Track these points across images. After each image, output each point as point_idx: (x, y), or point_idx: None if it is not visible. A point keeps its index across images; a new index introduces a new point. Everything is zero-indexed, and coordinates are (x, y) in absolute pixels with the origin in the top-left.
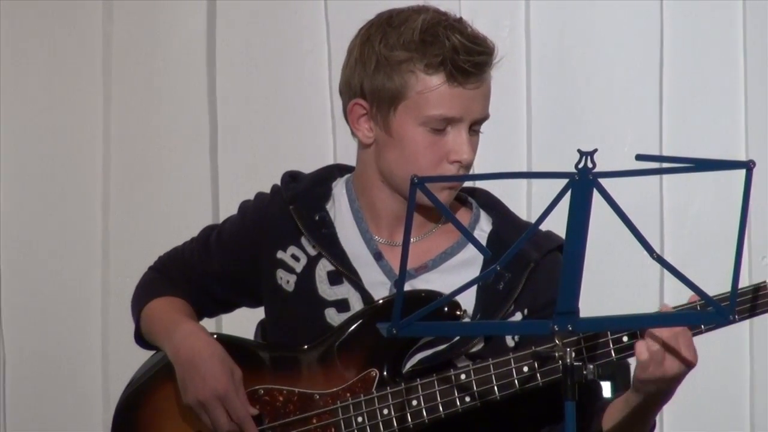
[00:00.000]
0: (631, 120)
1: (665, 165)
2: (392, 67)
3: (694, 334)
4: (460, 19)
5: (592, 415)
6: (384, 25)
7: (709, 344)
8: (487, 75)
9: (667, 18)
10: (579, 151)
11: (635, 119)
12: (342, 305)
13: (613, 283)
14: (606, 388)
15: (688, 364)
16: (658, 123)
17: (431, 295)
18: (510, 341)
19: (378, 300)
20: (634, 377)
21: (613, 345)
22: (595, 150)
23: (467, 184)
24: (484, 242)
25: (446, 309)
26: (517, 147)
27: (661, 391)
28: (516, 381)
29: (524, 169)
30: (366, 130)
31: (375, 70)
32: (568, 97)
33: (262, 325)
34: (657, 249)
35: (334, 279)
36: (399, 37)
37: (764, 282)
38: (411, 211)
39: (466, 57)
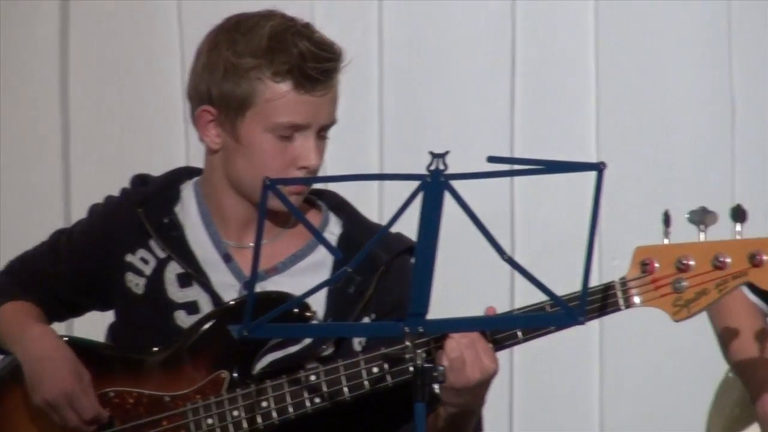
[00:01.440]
0: (483, 122)
1: (516, 167)
2: (240, 75)
3: (543, 334)
4: (308, 24)
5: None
6: (231, 31)
7: (558, 344)
8: (334, 81)
9: (519, 19)
10: (431, 153)
11: (487, 121)
12: (192, 307)
13: (464, 284)
14: None
15: (488, 370)
16: (510, 124)
17: (282, 297)
18: (357, 345)
19: (228, 301)
20: (440, 389)
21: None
22: (447, 152)
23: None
24: (334, 245)
25: (296, 311)
26: (369, 148)
27: (467, 401)
28: (366, 382)
29: (376, 171)
30: (214, 135)
31: (223, 76)
32: (420, 99)
33: (112, 329)
34: (508, 250)
35: (183, 281)
36: (247, 44)
37: (613, 282)
38: (263, 212)
39: (314, 64)
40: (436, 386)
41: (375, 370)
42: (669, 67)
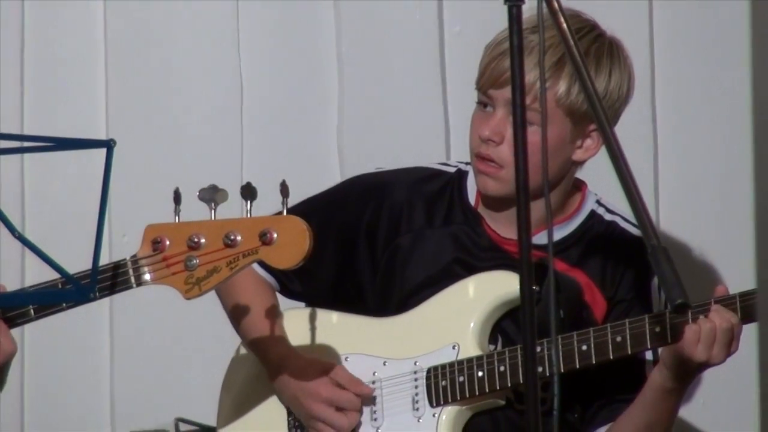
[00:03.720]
0: None
1: (26, 144)
2: None
3: (57, 311)
4: None
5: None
6: None
7: (69, 323)
8: None
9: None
10: None
11: None
12: None
13: None
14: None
15: (8, 352)
16: (20, 97)
17: None
18: None
19: None
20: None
21: None
22: None
23: None
24: None
25: None
26: None
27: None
28: None
29: None
30: None
31: None
32: None
33: None
34: (19, 228)
35: None
36: None
37: (125, 260)
38: None
39: None
40: None
41: None
42: (181, 47)
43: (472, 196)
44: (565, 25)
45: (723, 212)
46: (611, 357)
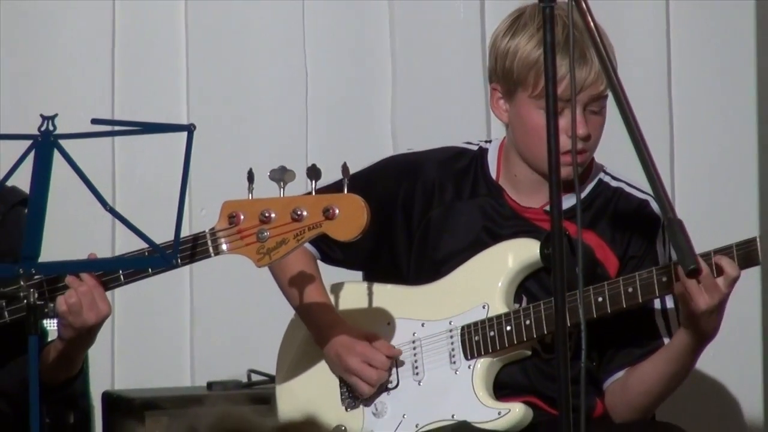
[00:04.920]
0: (86, 87)
1: (117, 128)
2: None
3: (143, 277)
4: None
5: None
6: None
7: (153, 288)
8: None
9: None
10: (41, 115)
11: (90, 88)
12: None
13: (70, 234)
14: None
15: (103, 313)
16: (111, 90)
17: None
18: None
19: None
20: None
21: None
22: (56, 114)
23: None
24: None
25: None
26: None
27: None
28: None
29: None
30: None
31: None
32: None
33: None
34: (110, 202)
35: None
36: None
37: (204, 232)
38: None
39: None
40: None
41: None
42: (253, 44)
43: (493, 171)
44: (592, 24)
45: (729, 189)
46: (624, 306)
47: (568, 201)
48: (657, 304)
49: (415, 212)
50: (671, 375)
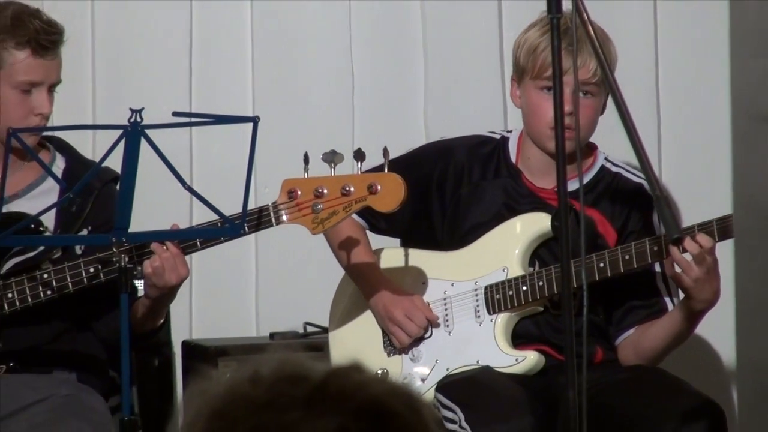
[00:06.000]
0: (167, 83)
1: (194, 120)
2: None
3: (215, 244)
4: (38, 9)
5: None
6: None
7: (226, 251)
8: (60, 50)
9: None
10: (130, 109)
11: (170, 83)
12: None
13: (155, 208)
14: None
15: (182, 276)
16: (188, 83)
17: (21, 216)
18: (78, 251)
19: None
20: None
21: None
22: (143, 108)
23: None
24: (60, 177)
25: (32, 226)
26: (82, 101)
27: (165, 297)
28: (85, 279)
29: (90, 122)
30: None
31: None
32: (126, 65)
33: None
34: (188, 181)
35: None
36: None
37: (267, 205)
38: (8, 154)
39: (45, 37)
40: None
41: (91, 270)
42: (308, 42)
43: (513, 156)
44: (592, 31)
45: (707, 171)
46: (622, 270)
47: (574, 185)
48: (657, 267)
49: (447, 190)
50: (676, 335)
